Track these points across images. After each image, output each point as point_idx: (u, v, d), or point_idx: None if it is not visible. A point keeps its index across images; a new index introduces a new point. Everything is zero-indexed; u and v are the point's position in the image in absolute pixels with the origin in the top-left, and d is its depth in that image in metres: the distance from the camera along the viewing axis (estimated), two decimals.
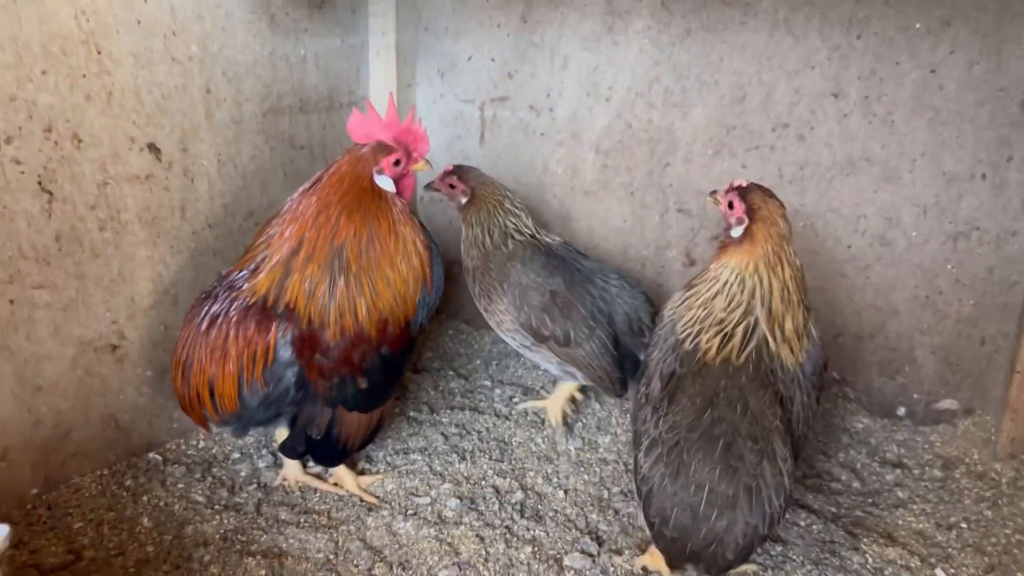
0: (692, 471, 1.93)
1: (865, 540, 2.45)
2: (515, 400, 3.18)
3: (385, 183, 2.32)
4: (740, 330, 2.02)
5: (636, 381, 2.27)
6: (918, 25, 2.74)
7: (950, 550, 2.47)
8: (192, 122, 2.53)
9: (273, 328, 2.22)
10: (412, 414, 3.04)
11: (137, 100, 2.33)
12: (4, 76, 1.98)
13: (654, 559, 2.25)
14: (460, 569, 2.25)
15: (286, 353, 2.25)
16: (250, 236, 2.71)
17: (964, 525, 2.58)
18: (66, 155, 2.16)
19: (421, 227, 2.40)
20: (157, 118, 2.41)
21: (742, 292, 2.01)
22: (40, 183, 2.11)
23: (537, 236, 2.85)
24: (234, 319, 2.23)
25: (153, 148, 2.41)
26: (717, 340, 2.01)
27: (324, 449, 2.43)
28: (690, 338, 2.02)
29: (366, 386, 2.35)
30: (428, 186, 2.85)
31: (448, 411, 3.08)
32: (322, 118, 3.13)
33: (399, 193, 2.39)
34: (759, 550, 2.39)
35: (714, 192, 2.21)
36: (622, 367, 2.85)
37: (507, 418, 3.05)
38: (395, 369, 2.41)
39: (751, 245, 2.02)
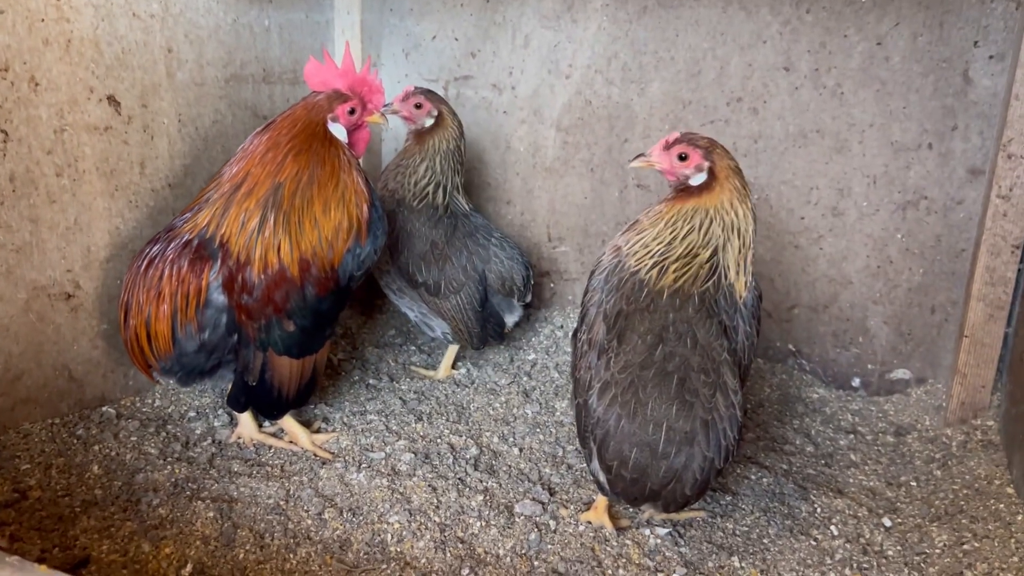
0: (650, 409, 1.94)
1: (814, 492, 2.48)
2: (471, 373, 3.20)
3: (338, 131, 2.36)
4: (708, 266, 2.04)
5: (573, 333, 2.29)
6: None
7: (898, 504, 2.50)
8: (153, 79, 2.56)
9: (207, 270, 2.25)
10: (371, 382, 3.05)
11: (96, 51, 2.36)
12: None
13: (597, 514, 2.25)
14: (411, 515, 2.26)
15: (220, 297, 2.28)
16: None
17: (913, 483, 2.62)
18: (22, 97, 2.18)
19: (367, 184, 2.43)
20: (117, 71, 2.44)
21: (721, 229, 2.03)
22: None
23: (450, 202, 2.98)
24: (170, 258, 2.27)
25: (112, 100, 2.44)
26: (674, 275, 2.04)
27: (261, 396, 2.44)
28: (644, 270, 2.05)
29: (293, 328, 2.36)
30: (387, 107, 2.82)
31: (407, 380, 3.10)
32: (286, 90, 3.17)
33: (352, 145, 2.43)
34: (708, 498, 2.42)
35: (639, 156, 2.18)
36: (484, 325, 3.03)
37: (467, 386, 3.07)
38: (323, 314, 2.41)
39: (719, 185, 2.05)
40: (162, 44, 2.58)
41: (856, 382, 3.17)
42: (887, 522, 2.38)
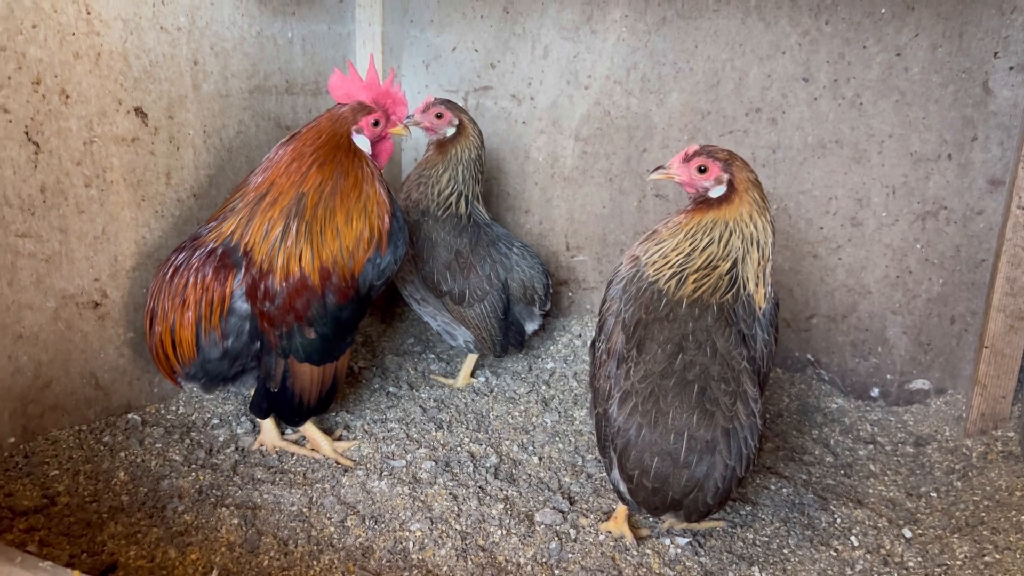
0: (671, 418, 1.95)
1: (834, 503, 2.49)
2: (491, 381, 3.21)
3: (362, 143, 2.39)
4: (727, 277, 2.06)
5: (592, 342, 2.30)
6: (883, 10, 2.84)
7: (918, 515, 2.50)
8: (179, 91, 2.60)
9: (230, 278, 2.29)
10: (391, 390, 3.08)
11: (125, 63, 2.41)
12: None
13: (617, 524, 2.27)
14: (432, 523, 2.28)
15: (243, 305, 2.31)
16: None
17: (934, 494, 2.62)
18: (53, 109, 2.23)
19: (389, 195, 2.45)
20: (144, 83, 2.48)
21: (741, 241, 2.04)
22: (27, 133, 2.17)
23: (472, 211, 3.02)
24: (195, 266, 2.31)
25: (140, 112, 2.48)
26: (693, 285, 2.05)
27: (283, 403, 2.47)
28: (663, 280, 2.06)
29: (314, 336, 2.39)
30: (408, 119, 2.81)
31: (427, 388, 3.12)
32: (308, 101, 3.21)
33: (375, 156, 2.46)
34: (728, 508, 2.42)
35: (658, 168, 2.20)
36: (506, 333, 3.07)
37: (486, 395, 3.09)
38: (344, 323, 2.43)
39: (739, 197, 2.06)
40: (188, 56, 2.62)
41: (875, 392, 3.17)
42: (907, 533, 2.38)
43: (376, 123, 2.41)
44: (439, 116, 2.89)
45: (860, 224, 3.04)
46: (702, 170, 2.08)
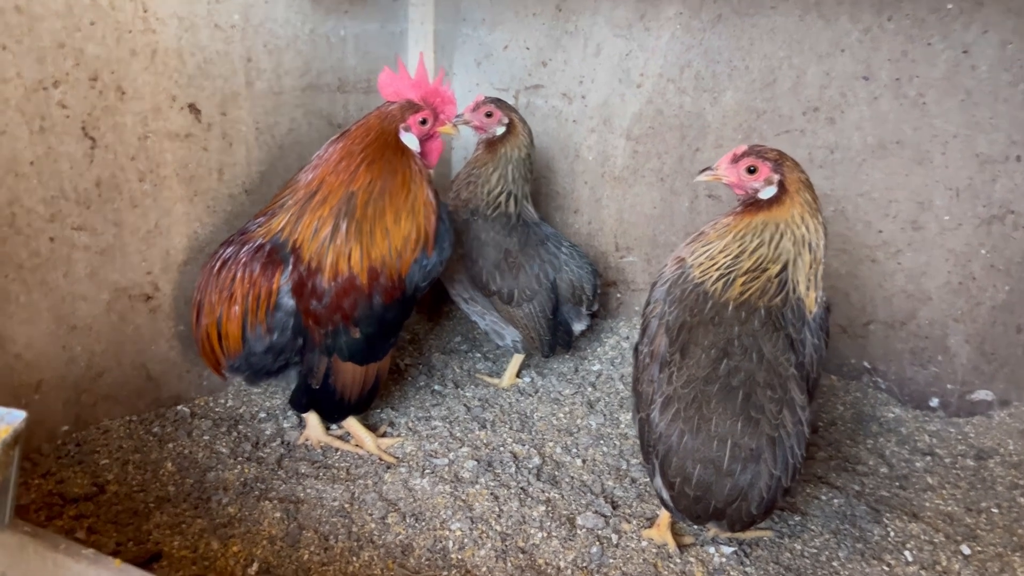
0: (714, 425, 1.90)
1: (888, 516, 2.40)
2: (536, 382, 3.19)
3: (410, 141, 2.39)
4: (777, 280, 1.99)
5: (635, 346, 2.24)
6: (950, 5, 2.74)
7: (978, 531, 2.40)
8: (232, 88, 2.64)
9: (278, 273, 2.30)
10: (437, 388, 3.08)
11: (180, 60, 2.44)
12: (54, 24, 2.10)
13: (660, 531, 2.22)
14: (472, 523, 2.26)
15: (289, 301, 2.33)
16: None
17: (995, 510, 2.51)
18: (109, 105, 2.27)
19: (436, 195, 2.45)
20: (198, 80, 2.52)
21: (792, 244, 1.98)
22: (84, 129, 2.22)
23: (521, 211, 3.00)
24: (243, 260, 2.33)
25: (193, 108, 2.52)
26: (741, 287, 2.00)
27: (323, 399, 2.49)
28: (709, 282, 2.01)
29: (359, 336, 2.39)
30: (458, 117, 2.82)
31: (472, 387, 3.11)
32: (360, 99, 3.22)
33: (424, 155, 2.45)
34: (776, 518, 2.36)
35: (706, 169, 2.14)
36: (554, 332, 3.05)
37: (531, 395, 3.06)
38: (388, 323, 2.44)
39: (789, 199, 2.00)
40: (242, 54, 2.65)
41: (934, 402, 3.06)
42: (966, 550, 2.28)
43: (424, 121, 2.41)
44: (489, 115, 2.88)
45: (921, 228, 2.93)
46: (751, 171, 2.02)
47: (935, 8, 2.75)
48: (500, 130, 2.89)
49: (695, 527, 2.27)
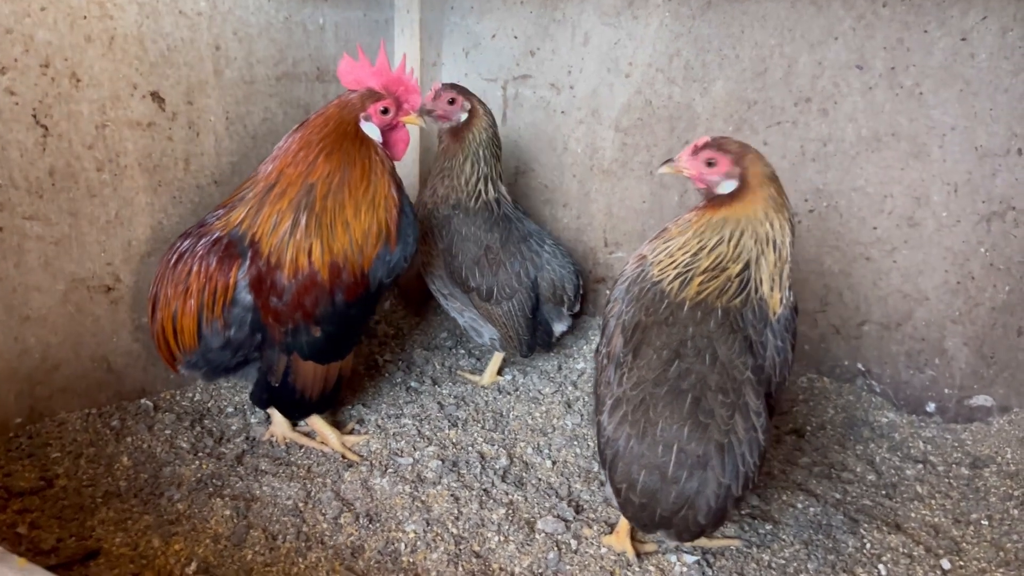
0: (659, 429, 1.81)
1: (866, 526, 2.28)
2: (517, 380, 3.11)
3: (371, 130, 2.31)
4: (737, 280, 1.89)
5: (596, 347, 2.15)
6: None
7: (964, 544, 2.28)
8: (199, 76, 2.59)
9: (235, 267, 2.24)
10: (413, 384, 3.01)
11: (140, 47, 2.40)
12: (2, 8, 2.06)
13: (619, 540, 2.13)
14: (428, 525, 2.19)
15: (247, 296, 2.26)
16: None
17: (985, 522, 2.38)
18: (63, 92, 2.23)
19: (399, 188, 2.37)
20: (161, 68, 2.47)
21: (754, 242, 1.87)
22: (35, 116, 2.18)
23: (500, 197, 2.92)
24: (199, 254, 2.26)
25: (156, 97, 2.47)
26: (698, 287, 1.90)
27: (283, 397, 2.43)
28: (667, 280, 1.91)
29: (320, 335, 2.33)
30: (421, 109, 2.71)
31: (451, 384, 3.04)
32: (341, 89, 3.12)
33: (388, 147, 2.38)
34: (745, 524, 2.26)
35: (668, 161, 2.04)
36: (534, 332, 2.96)
37: (509, 393, 2.98)
38: (351, 321, 2.37)
39: (752, 194, 1.89)
40: (209, 42, 2.60)
41: (931, 407, 2.92)
42: (946, 564, 2.16)
43: (385, 111, 2.33)
44: (451, 102, 2.79)
45: (918, 224, 2.80)
46: (711, 164, 1.92)
47: None
48: (463, 116, 2.80)
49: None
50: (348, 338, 2.42)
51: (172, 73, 2.51)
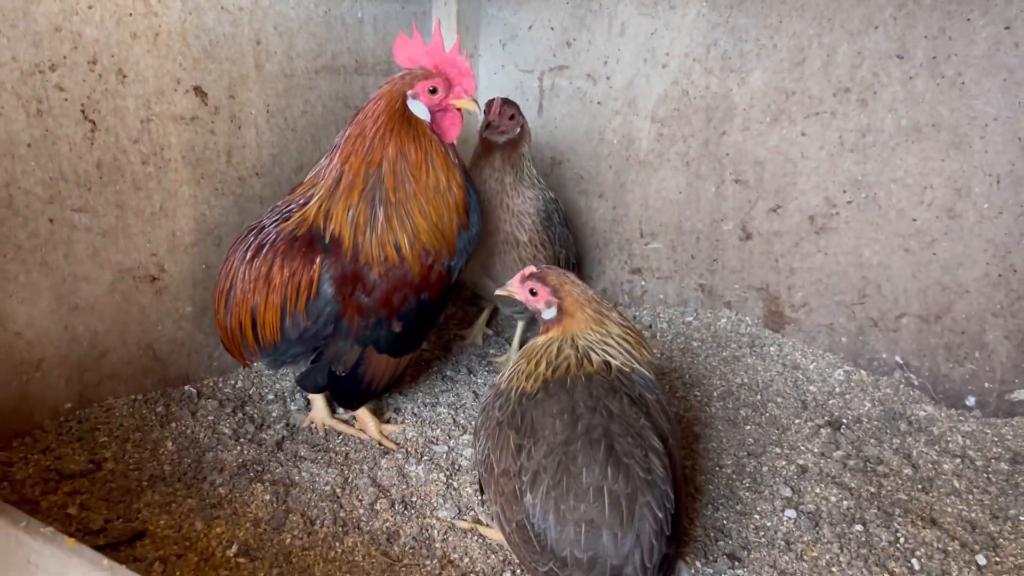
0: (584, 478, 1.75)
1: (900, 520, 2.27)
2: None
3: (419, 110, 2.28)
4: (576, 360, 1.98)
5: (478, 480, 2.07)
6: None
7: (1000, 540, 2.25)
8: (240, 71, 2.64)
9: (318, 261, 2.26)
10: (449, 373, 3.05)
11: (184, 43, 2.46)
12: (51, 7, 2.12)
13: None
14: (461, 512, 2.23)
15: (329, 289, 2.28)
16: None
17: (1023, 518, 2.35)
18: (110, 88, 2.30)
19: (460, 167, 2.36)
20: (204, 63, 2.53)
21: (576, 350, 1.97)
22: (83, 111, 2.25)
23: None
24: (280, 248, 2.28)
25: (199, 91, 2.53)
26: (549, 371, 1.96)
27: (348, 387, 2.45)
28: (520, 385, 1.95)
29: (399, 330, 2.36)
30: (489, 127, 2.80)
31: (485, 374, 3.07)
32: (379, 81, 3.18)
33: (440, 130, 2.34)
34: (775, 516, 2.26)
35: (506, 286, 2.15)
36: None
37: None
38: (429, 316, 2.41)
39: (571, 317, 2.01)
40: (250, 36, 2.65)
41: (971, 401, 2.88)
42: (981, 559, 2.14)
43: (434, 90, 2.28)
44: (511, 118, 2.84)
45: (958, 216, 2.76)
46: (533, 293, 2.05)
47: None
48: (517, 131, 2.84)
49: None
50: (423, 331, 2.47)
51: (214, 68, 2.56)
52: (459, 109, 2.33)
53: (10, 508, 1.68)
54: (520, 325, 3.13)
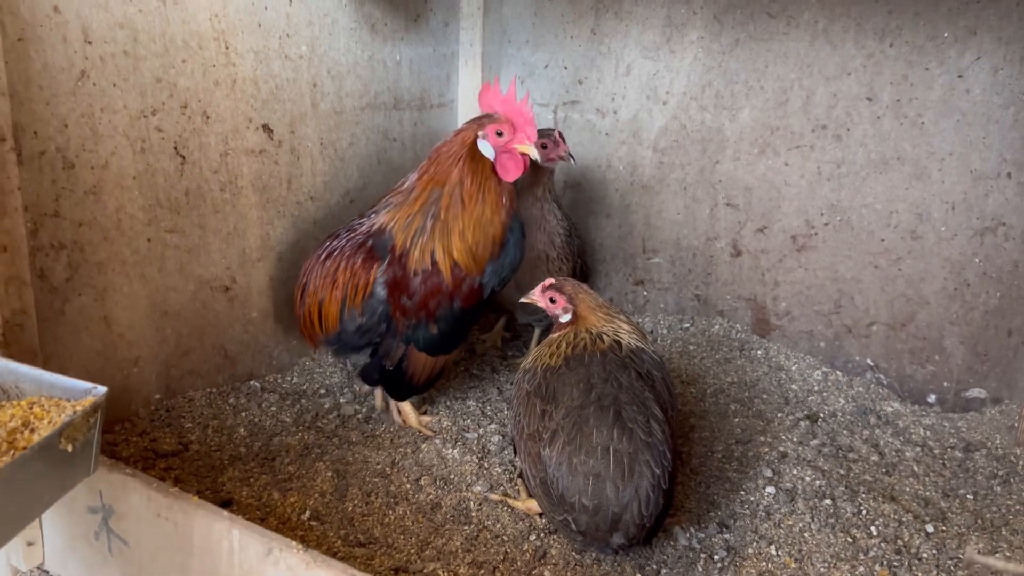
0: (594, 438, 2.15)
1: (864, 496, 2.68)
2: None
3: (486, 149, 2.66)
4: (598, 336, 2.43)
5: (511, 441, 2.61)
6: (946, 34, 2.98)
7: (949, 513, 2.65)
8: (300, 109, 3.07)
9: (375, 267, 2.71)
10: (475, 372, 3.47)
11: (255, 88, 2.88)
12: (154, 63, 2.54)
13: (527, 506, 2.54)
14: (492, 488, 2.64)
15: (382, 291, 2.72)
16: (346, 212, 3.28)
17: (970, 496, 2.76)
18: (197, 128, 2.72)
19: (510, 200, 2.71)
20: (271, 104, 2.95)
21: (591, 334, 2.41)
22: (176, 148, 2.67)
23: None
24: (347, 253, 2.75)
25: (266, 128, 2.95)
26: (568, 350, 2.40)
27: (393, 380, 2.87)
28: (544, 363, 2.40)
29: (436, 332, 2.78)
30: (544, 148, 3.16)
31: (508, 372, 3.49)
32: (414, 115, 3.63)
33: (500, 169, 2.68)
34: (758, 491, 2.66)
35: (529, 295, 2.60)
36: None
37: None
38: (463, 323, 2.81)
39: (583, 319, 2.47)
40: (308, 80, 3.08)
41: (932, 398, 3.30)
42: (930, 528, 2.55)
43: (500, 133, 2.64)
44: (552, 300, 3.06)
45: (920, 237, 3.18)
46: (553, 300, 2.51)
47: (932, 36, 3.00)
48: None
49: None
50: (458, 336, 2.86)
51: (279, 108, 2.99)
52: (522, 153, 2.68)
53: (142, 474, 2.10)
54: (536, 332, 3.54)
